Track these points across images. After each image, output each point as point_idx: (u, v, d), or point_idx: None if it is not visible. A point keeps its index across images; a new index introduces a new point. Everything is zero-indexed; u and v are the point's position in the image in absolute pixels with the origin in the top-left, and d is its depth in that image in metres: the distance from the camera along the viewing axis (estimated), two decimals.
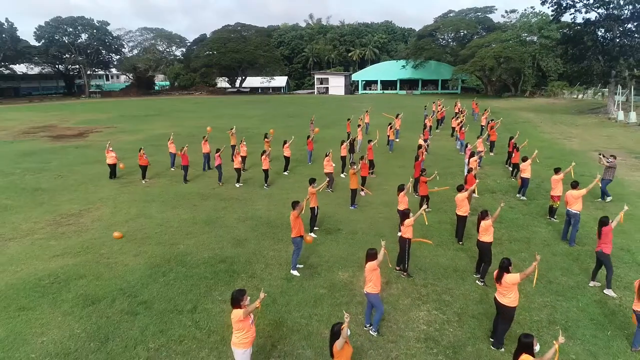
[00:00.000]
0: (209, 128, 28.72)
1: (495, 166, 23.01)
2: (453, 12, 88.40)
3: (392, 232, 13.88)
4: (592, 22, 42.54)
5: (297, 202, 11.15)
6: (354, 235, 13.75)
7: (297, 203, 11.10)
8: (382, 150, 27.45)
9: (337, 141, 29.31)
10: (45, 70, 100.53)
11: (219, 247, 12.95)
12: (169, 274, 11.11)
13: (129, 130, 40.58)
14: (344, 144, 21.97)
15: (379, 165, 23.24)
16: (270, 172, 20.80)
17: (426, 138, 26.30)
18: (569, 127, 38.19)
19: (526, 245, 12.75)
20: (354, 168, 16.18)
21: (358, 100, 74.95)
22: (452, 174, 21.46)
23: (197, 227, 14.66)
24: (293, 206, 11.05)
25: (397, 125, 31.53)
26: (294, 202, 11.12)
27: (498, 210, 10.95)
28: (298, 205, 11.03)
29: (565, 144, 29.41)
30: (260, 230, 14.30)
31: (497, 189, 18.66)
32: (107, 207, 17.11)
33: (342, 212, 16.04)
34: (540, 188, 18.58)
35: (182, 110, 60.39)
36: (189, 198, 18.22)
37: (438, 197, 17.20)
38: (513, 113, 48.93)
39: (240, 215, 15.88)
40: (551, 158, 24.44)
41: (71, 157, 27.88)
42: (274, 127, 40.82)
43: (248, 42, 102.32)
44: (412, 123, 38.73)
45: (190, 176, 21.70)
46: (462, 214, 12.80)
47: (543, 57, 70.49)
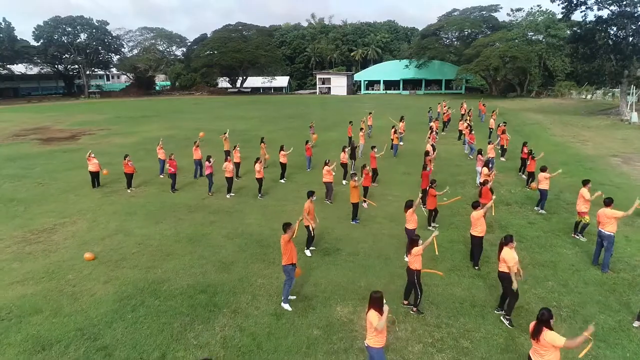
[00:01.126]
0: (201, 133, 27.00)
1: (508, 173, 21.38)
2: (457, 10, 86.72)
3: (398, 252, 12.32)
4: (605, 20, 40.82)
5: (288, 224, 9.59)
6: (355, 257, 12.17)
7: (288, 225, 9.55)
8: (386, 155, 25.69)
9: (339, 145, 27.81)
10: (44, 70, 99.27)
11: (201, 271, 11.39)
12: (138, 309, 9.55)
13: (123, 132, 39.12)
14: (345, 149, 20.34)
15: (382, 172, 21.64)
16: (266, 179, 19.33)
17: (433, 142, 24.73)
18: (581, 129, 36.51)
19: (552, 270, 11.13)
20: (355, 180, 14.60)
21: (360, 100, 73.36)
22: (461, 182, 19.87)
23: (179, 246, 13.11)
24: (284, 229, 9.50)
25: (402, 129, 29.95)
26: (285, 225, 9.56)
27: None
28: (290, 228, 9.49)
29: (579, 148, 27.74)
30: (249, 250, 12.74)
31: (512, 200, 17.03)
32: (84, 221, 15.59)
33: (342, 228, 14.47)
34: (560, 199, 16.96)
35: (181, 111, 58.96)
36: (175, 210, 16.68)
37: (448, 210, 15.63)
38: (520, 114, 47.30)
39: (229, 231, 14.32)
40: (566, 164, 22.75)
41: (57, 162, 26.40)
42: (273, 129, 39.42)
43: (249, 41, 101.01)
44: (416, 125, 37.15)
45: (179, 184, 20.19)
46: (477, 234, 11.20)
47: (550, 56, 68.83)
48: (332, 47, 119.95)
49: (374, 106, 60.64)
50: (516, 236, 12.90)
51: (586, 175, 20.33)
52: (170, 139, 34.01)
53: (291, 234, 9.47)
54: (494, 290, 10.07)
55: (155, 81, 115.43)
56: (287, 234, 9.40)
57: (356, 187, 14.51)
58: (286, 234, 9.43)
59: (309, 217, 12.20)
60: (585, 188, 12.82)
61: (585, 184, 12.95)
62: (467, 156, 25.17)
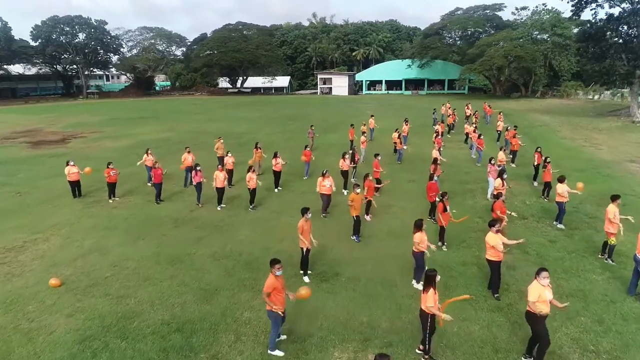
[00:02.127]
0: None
1: (520, 182, 19.90)
2: (461, 9, 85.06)
3: (404, 277, 10.90)
4: (616, 18, 39.27)
5: (276, 261, 8.05)
6: (356, 284, 10.73)
7: (276, 262, 8.02)
8: (389, 161, 24.42)
9: (339, 148, 26.44)
10: (42, 71, 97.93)
11: (179, 302, 9.98)
12: (101, 354, 8.14)
13: (116, 135, 37.73)
14: (345, 156, 18.83)
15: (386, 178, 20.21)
16: (260, 189, 17.94)
17: (439, 147, 23.29)
18: (592, 131, 35.01)
19: (583, 302, 9.67)
20: (357, 191, 13.17)
21: (362, 101, 71.87)
22: (471, 192, 18.40)
23: (159, 269, 11.70)
24: (271, 264, 8.02)
25: (405, 132, 28.48)
26: (272, 261, 8.06)
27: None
28: (275, 267, 7.98)
29: (593, 152, 26.26)
30: (237, 274, 11.32)
31: (527, 213, 15.56)
32: (58, 237, 14.19)
33: (341, 247, 13.02)
34: (580, 212, 15.50)
35: (179, 112, 57.65)
36: (159, 224, 15.27)
37: (459, 224, 14.16)
38: (526, 115, 45.77)
39: (216, 250, 12.90)
40: (582, 171, 21.34)
41: (41, 168, 25.04)
42: (272, 131, 38.03)
43: (249, 41, 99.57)
44: (420, 127, 35.66)
45: (168, 193, 18.85)
46: (494, 258, 9.76)
47: (556, 55, 67.21)
48: (334, 47, 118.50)
49: (376, 107, 59.35)
50: (537, 257, 11.61)
51: (605, 183, 19.04)
52: (164, 143, 32.72)
53: (277, 271, 7.99)
54: (517, 328, 8.65)
55: (154, 81, 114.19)
56: (274, 271, 7.93)
57: (358, 197, 13.07)
58: (273, 269, 7.94)
59: (303, 237, 10.78)
60: (614, 205, 11.31)
61: (614, 200, 11.43)
62: (475, 162, 23.65)
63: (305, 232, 10.77)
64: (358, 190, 13.21)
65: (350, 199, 13.18)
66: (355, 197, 13.06)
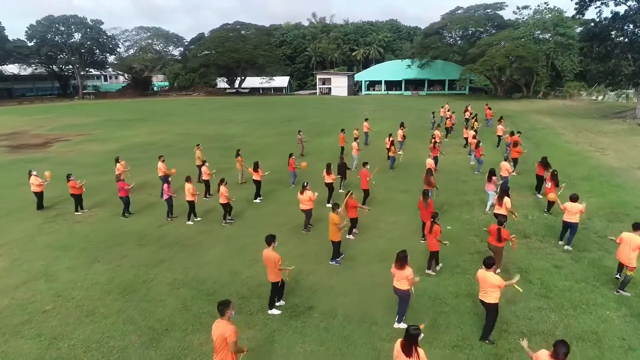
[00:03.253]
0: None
1: (522, 192, 18.34)
2: (461, 9, 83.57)
3: (387, 312, 9.40)
4: (622, 17, 37.72)
5: (226, 304, 6.63)
6: (331, 322, 9.24)
7: (226, 305, 6.61)
8: (383, 168, 22.94)
9: (332, 153, 25.17)
10: (37, 71, 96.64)
11: (120, 346, 8.51)
12: None
13: (103, 138, 36.32)
14: (330, 169, 17.07)
15: (376, 189, 18.75)
16: (240, 199, 16.57)
17: (435, 155, 21.76)
18: (597, 135, 33.43)
19: (597, 349, 8.13)
20: (338, 212, 11.67)
21: (360, 101, 70.41)
22: (468, 204, 16.85)
23: (107, 301, 10.23)
24: (221, 311, 6.60)
25: (400, 137, 26.94)
26: (222, 305, 6.63)
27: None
28: (227, 312, 6.57)
29: (600, 158, 24.67)
30: (194, 308, 9.83)
31: (530, 231, 14.02)
32: (5, 259, 12.73)
33: (319, 272, 11.52)
34: (588, 229, 13.94)
35: (173, 114, 56.29)
36: (122, 242, 13.81)
37: (454, 246, 12.67)
38: (528, 117, 44.22)
39: (177, 276, 11.41)
40: (589, 179, 19.81)
41: (13, 175, 23.63)
42: (265, 134, 36.57)
43: (247, 41, 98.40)
44: (418, 130, 34.26)
45: (141, 203, 17.51)
46: (491, 300, 8.21)
47: (558, 55, 65.66)
48: (333, 47, 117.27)
49: (374, 108, 57.97)
50: (541, 288, 10.15)
51: (614, 194, 17.48)
52: (152, 146, 31.32)
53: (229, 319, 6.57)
54: None
55: (152, 81, 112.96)
56: (228, 325, 6.50)
57: (337, 218, 11.54)
58: (228, 325, 6.51)
59: (274, 269, 9.27)
60: (637, 234, 9.80)
61: (636, 229, 9.90)
62: (473, 170, 22.10)
63: (276, 264, 9.26)
64: (338, 210, 11.70)
65: (332, 219, 11.62)
66: (334, 218, 11.53)
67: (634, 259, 9.70)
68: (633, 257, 9.72)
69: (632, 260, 9.68)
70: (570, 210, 12.27)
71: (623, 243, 9.96)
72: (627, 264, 9.79)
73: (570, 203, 12.30)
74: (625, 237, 9.94)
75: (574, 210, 12.19)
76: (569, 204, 12.34)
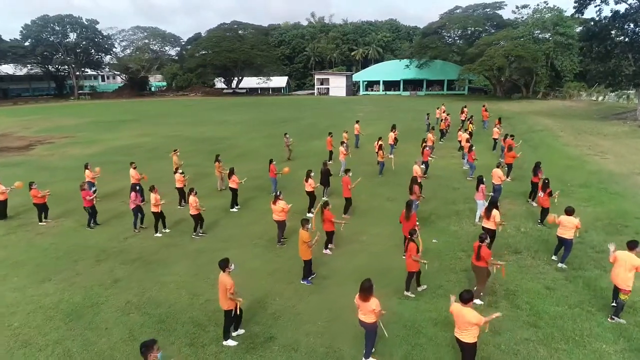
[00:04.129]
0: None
1: (516, 200, 17.29)
2: (460, 8, 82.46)
3: (357, 345, 8.35)
4: (622, 15, 36.61)
5: (149, 345, 5.66)
6: (291, 356, 8.20)
7: (149, 347, 5.64)
8: (369, 172, 21.93)
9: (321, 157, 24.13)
10: (33, 71, 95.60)
11: None
12: None
13: (87, 140, 35.30)
14: (310, 174, 16.07)
15: (361, 196, 17.75)
16: (216, 208, 15.59)
17: (425, 160, 20.76)
18: (596, 137, 32.36)
19: None
20: (307, 228, 10.65)
21: (357, 102, 69.37)
22: (457, 214, 15.81)
23: (48, 328, 9.21)
24: (144, 354, 5.64)
25: (391, 140, 25.93)
26: (144, 347, 5.66)
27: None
28: (151, 354, 5.61)
29: (599, 162, 23.60)
30: (142, 338, 8.69)
31: (521, 245, 12.94)
32: None
33: (286, 294, 10.49)
34: (585, 243, 12.87)
35: (166, 115, 55.29)
36: (80, 257, 12.78)
37: (434, 264, 11.65)
38: (527, 118, 43.16)
39: (131, 297, 10.40)
40: (587, 187, 18.76)
41: None
42: (256, 136, 35.52)
43: (244, 41, 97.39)
44: (412, 132, 33.18)
45: (111, 213, 16.48)
46: (469, 340, 7.16)
47: (558, 55, 64.56)
48: (332, 47, 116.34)
49: (370, 109, 57.01)
50: (530, 314, 9.15)
51: (614, 203, 16.41)
52: (135, 149, 30.32)
53: None
54: None
55: (149, 82, 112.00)
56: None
57: (307, 236, 10.51)
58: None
59: (229, 294, 8.26)
60: (633, 253, 8.78)
61: (631, 248, 8.88)
62: (466, 177, 21.04)
63: (229, 289, 8.24)
64: (308, 226, 10.67)
65: (302, 236, 10.59)
66: (303, 235, 10.49)
67: (630, 281, 8.66)
68: (629, 279, 8.70)
69: (628, 282, 8.64)
70: (565, 224, 11.22)
71: (617, 263, 8.91)
72: (621, 287, 8.75)
73: (565, 217, 11.25)
74: (620, 257, 8.90)
75: (569, 224, 11.15)
76: (564, 217, 11.30)
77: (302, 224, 10.66)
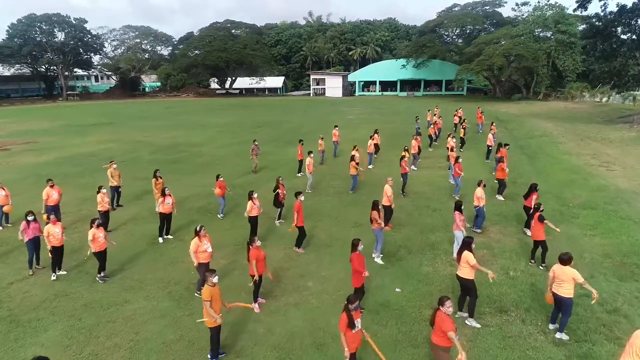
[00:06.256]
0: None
1: (507, 228, 14.27)
2: (458, 6, 79.59)
3: None
4: (629, 10, 33.62)
5: None
6: None
7: None
8: (340, 188, 19.04)
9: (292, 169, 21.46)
10: (20, 71, 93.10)
11: None
12: None
13: (48, 147, 32.42)
14: (253, 195, 13.14)
15: (322, 223, 14.85)
16: (143, 235, 12.75)
17: (404, 172, 17.81)
18: (601, 143, 29.43)
19: None
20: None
21: (350, 104, 66.46)
22: (432, 247, 12.80)
23: None
24: None
25: (370, 148, 23.02)
26: None
27: None
28: None
29: (606, 176, 20.60)
30: None
31: (508, 300, 9.84)
32: None
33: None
34: (591, 298, 9.87)
35: (144, 117, 52.57)
36: None
37: (389, 332, 8.71)
38: (526, 122, 40.24)
39: None
40: (592, 208, 15.80)
41: None
42: (228, 142, 32.61)
43: (236, 40, 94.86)
44: (400, 137, 30.12)
45: (11, 244, 13.47)
46: None
47: (559, 54, 61.56)
48: (330, 46, 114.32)
49: (362, 110, 54.27)
50: None
51: (626, 233, 13.41)
52: (90, 158, 27.42)
53: None
54: None
55: (140, 82, 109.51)
56: None
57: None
58: None
59: None
60: None
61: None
62: (452, 193, 18.05)
63: None
64: (213, 279, 7.75)
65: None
66: (205, 294, 7.58)
67: None
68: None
69: None
70: (560, 277, 8.26)
71: None
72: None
73: (560, 267, 8.28)
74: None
75: (566, 278, 8.18)
76: (557, 267, 8.34)
77: (206, 276, 7.79)
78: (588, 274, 10.50)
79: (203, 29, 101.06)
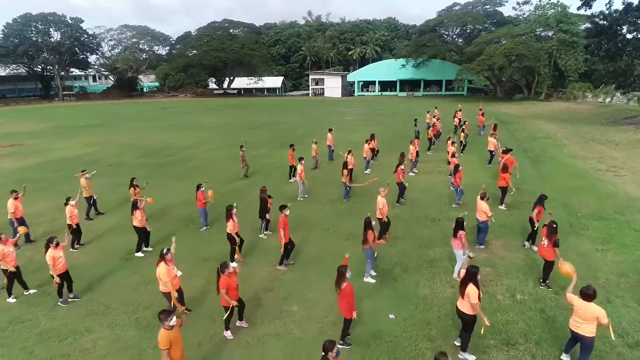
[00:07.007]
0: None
1: (511, 241, 13.11)
2: (458, 5, 78.42)
3: None
4: (636, 8, 32.50)
5: None
6: None
7: None
8: (334, 196, 17.94)
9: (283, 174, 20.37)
10: (15, 71, 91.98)
11: None
12: None
13: (32, 150, 31.32)
14: (232, 211, 11.97)
15: (311, 235, 13.75)
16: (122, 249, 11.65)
17: (398, 182, 16.68)
18: (607, 146, 28.29)
19: None
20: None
21: (349, 104, 65.35)
22: (431, 265, 11.68)
23: None
24: None
25: (366, 153, 21.93)
26: None
27: None
28: None
29: (615, 182, 19.48)
30: None
31: (515, 330, 8.72)
32: None
33: None
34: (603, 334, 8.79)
35: (136, 118, 51.49)
36: None
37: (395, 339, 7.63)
38: (528, 123, 39.14)
39: None
40: (603, 219, 14.68)
41: None
42: (219, 145, 31.48)
43: (234, 40, 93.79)
44: (398, 141, 29.06)
45: None
46: None
47: (561, 54, 60.55)
48: (329, 46, 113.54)
49: (360, 111, 53.16)
50: None
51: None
52: (74, 162, 26.27)
53: None
54: None
55: (138, 82, 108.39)
56: None
57: None
58: None
59: None
60: None
61: None
62: (453, 202, 16.93)
63: None
64: (169, 323, 6.65)
65: None
66: (169, 335, 6.50)
67: None
68: None
69: None
70: (582, 315, 7.14)
71: None
72: None
73: (583, 302, 7.17)
74: None
75: (590, 316, 7.07)
76: (579, 303, 7.22)
77: (161, 319, 6.67)
78: (604, 297, 9.42)
79: (200, 28, 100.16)
